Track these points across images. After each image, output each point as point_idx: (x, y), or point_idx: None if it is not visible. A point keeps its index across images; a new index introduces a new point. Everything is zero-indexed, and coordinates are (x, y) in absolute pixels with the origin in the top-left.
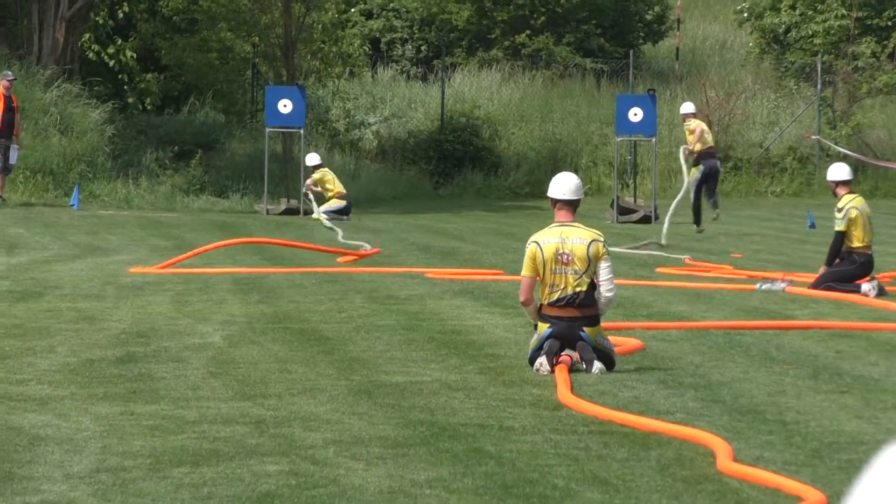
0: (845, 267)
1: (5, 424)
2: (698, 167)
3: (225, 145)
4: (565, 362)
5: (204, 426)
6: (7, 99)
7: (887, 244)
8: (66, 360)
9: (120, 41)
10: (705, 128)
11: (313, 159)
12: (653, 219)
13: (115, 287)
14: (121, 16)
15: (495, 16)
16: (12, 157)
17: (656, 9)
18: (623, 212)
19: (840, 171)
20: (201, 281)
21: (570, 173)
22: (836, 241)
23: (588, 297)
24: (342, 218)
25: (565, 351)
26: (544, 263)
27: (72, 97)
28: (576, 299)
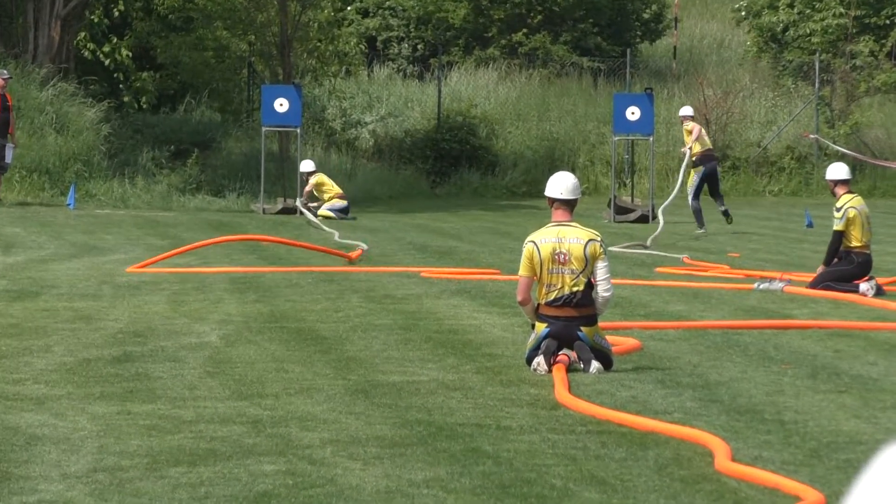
0: (844, 266)
1: (2, 424)
2: (698, 169)
3: (221, 144)
4: (563, 362)
5: (201, 426)
6: (2, 98)
7: (885, 244)
8: (63, 360)
9: (115, 39)
10: (703, 131)
11: (308, 165)
12: (650, 218)
13: (111, 286)
14: (116, 14)
15: (492, 14)
16: (8, 156)
17: (653, 7)
18: (620, 211)
19: (839, 170)
20: (198, 280)
21: (567, 172)
22: (834, 240)
23: (585, 296)
24: (344, 217)
25: (563, 350)
26: (541, 263)
27: (67, 96)
28: (573, 299)
